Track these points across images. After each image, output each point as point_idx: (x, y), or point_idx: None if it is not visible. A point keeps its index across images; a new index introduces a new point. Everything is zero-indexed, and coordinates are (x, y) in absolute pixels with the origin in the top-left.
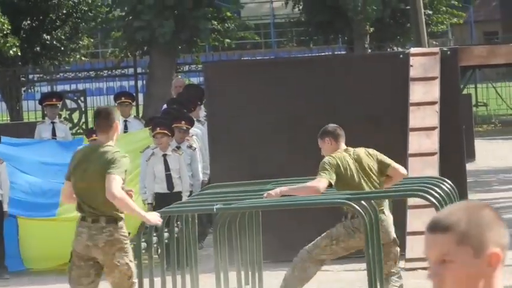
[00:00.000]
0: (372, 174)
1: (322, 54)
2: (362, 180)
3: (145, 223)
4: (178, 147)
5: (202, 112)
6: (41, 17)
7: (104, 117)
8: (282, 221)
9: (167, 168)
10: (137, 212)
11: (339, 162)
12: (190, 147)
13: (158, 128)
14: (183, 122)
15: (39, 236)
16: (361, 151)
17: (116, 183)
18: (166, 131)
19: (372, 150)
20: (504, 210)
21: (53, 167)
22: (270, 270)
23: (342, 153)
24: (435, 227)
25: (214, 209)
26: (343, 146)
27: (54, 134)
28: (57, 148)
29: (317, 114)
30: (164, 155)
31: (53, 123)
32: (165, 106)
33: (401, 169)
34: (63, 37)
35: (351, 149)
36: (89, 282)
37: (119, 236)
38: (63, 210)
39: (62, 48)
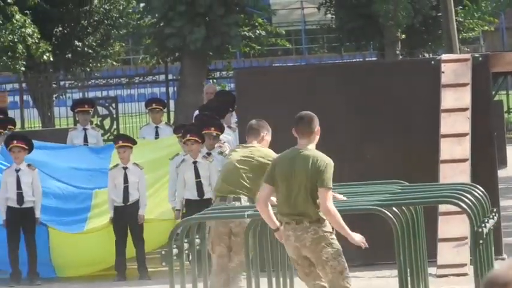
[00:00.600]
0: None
1: (354, 60)
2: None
3: (176, 230)
4: (209, 154)
5: (233, 118)
6: (73, 24)
7: (306, 122)
8: None
9: (197, 175)
10: (344, 229)
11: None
12: (221, 153)
13: (189, 135)
14: (213, 129)
15: (70, 244)
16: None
17: (330, 198)
18: (196, 138)
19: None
20: None
21: (85, 173)
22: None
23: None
24: (493, 284)
25: (246, 215)
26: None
27: (86, 140)
28: (89, 154)
29: (349, 120)
30: (194, 162)
31: (84, 129)
32: (196, 112)
33: None
34: (94, 44)
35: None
36: (314, 278)
37: (323, 234)
38: (94, 214)
39: (94, 55)
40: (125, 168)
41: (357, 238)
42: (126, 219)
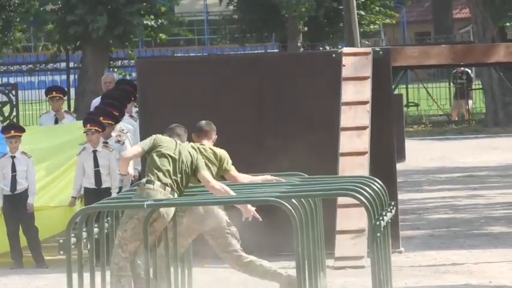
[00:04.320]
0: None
1: (255, 52)
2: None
3: (74, 218)
4: (106, 143)
5: (134, 108)
6: None
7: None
8: None
9: (96, 164)
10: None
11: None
12: (118, 141)
13: (89, 125)
14: (101, 118)
15: None
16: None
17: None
18: (96, 127)
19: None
20: (433, 210)
21: None
22: (199, 267)
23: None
24: None
25: (145, 205)
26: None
27: None
28: None
29: (250, 112)
30: (94, 151)
31: None
32: (95, 100)
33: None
34: None
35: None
36: None
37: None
38: None
39: None
40: (13, 157)
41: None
42: (16, 208)
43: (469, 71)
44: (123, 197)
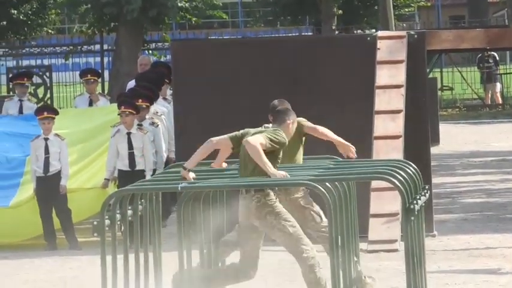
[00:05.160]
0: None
1: (290, 35)
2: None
3: (108, 200)
4: (140, 125)
5: (169, 90)
6: None
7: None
8: None
9: (130, 146)
10: (264, 165)
11: None
12: (152, 124)
13: (123, 107)
14: (140, 101)
15: None
16: None
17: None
18: (131, 110)
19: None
20: (466, 194)
21: (17, 139)
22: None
23: None
24: None
25: (179, 188)
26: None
27: (21, 112)
28: (21, 121)
29: (284, 95)
30: (128, 133)
31: (21, 101)
32: (130, 83)
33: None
34: (30, 12)
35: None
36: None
37: (266, 202)
38: (26, 180)
39: (29, 23)
40: (46, 139)
41: (279, 175)
42: (48, 189)
43: (496, 55)
44: (157, 179)
